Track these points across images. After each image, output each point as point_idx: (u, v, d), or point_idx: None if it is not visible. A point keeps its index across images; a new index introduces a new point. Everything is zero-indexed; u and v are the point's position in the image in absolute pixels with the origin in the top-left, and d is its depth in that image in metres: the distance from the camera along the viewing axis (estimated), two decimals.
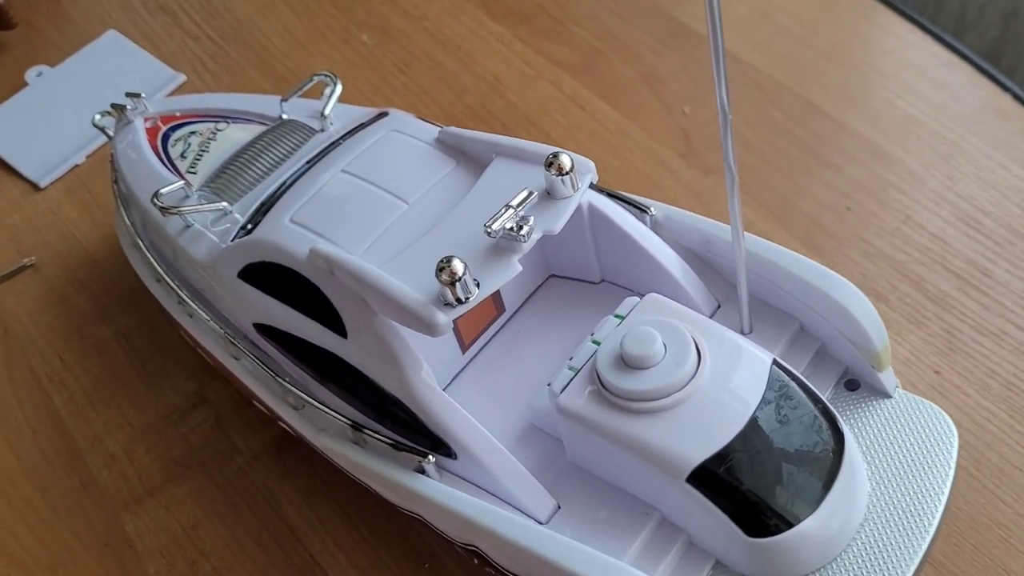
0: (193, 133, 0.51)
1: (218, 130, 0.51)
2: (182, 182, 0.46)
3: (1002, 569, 0.43)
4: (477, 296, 0.34)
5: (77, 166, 0.66)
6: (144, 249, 0.48)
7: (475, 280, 0.35)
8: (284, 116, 0.50)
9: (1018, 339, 0.50)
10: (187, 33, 0.73)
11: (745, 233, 0.38)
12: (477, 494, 0.37)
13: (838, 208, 0.57)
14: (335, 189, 0.41)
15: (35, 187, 0.66)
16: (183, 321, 0.47)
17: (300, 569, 0.47)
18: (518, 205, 0.36)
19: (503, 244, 0.36)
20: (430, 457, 0.37)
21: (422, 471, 0.38)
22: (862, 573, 0.34)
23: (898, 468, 0.37)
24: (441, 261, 0.34)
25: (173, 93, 0.69)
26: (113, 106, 0.53)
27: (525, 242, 0.35)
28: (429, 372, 0.37)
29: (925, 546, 0.35)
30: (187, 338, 0.50)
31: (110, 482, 0.52)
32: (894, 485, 0.36)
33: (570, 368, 0.37)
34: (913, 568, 0.34)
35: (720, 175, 0.59)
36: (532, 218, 0.36)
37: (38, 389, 0.56)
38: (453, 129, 0.43)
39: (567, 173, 0.36)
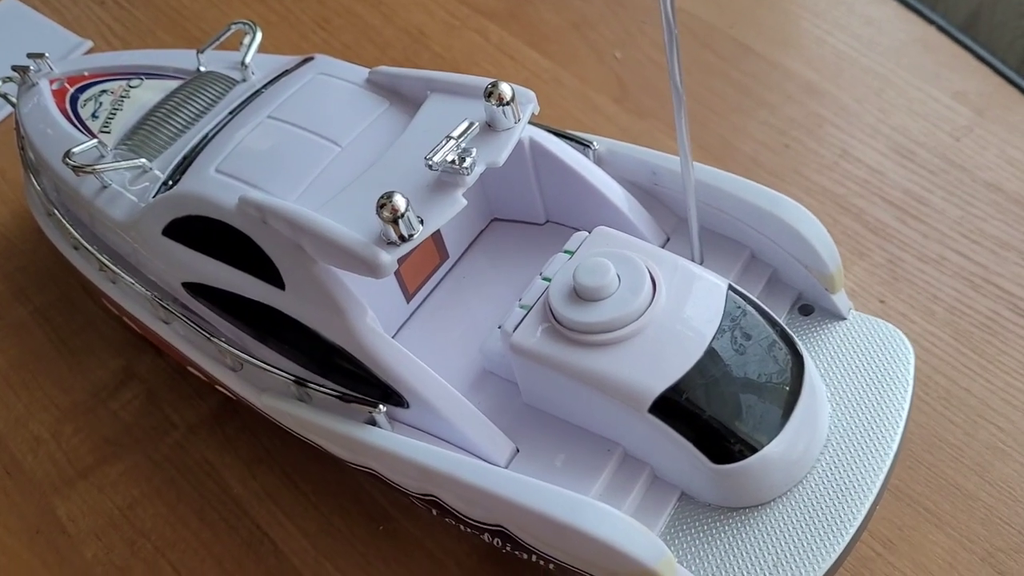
0: (104, 92, 0.48)
1: (131, 87, 0.48)
2: (95, 140, 0.43)
3: (954, 487, 0.43)
4: (421, 233, 0.33)
5: None
6: (59, 216, 0.45)
7: (419, 217, 0.33)
8: (201, 68, 0.47)
9: (958, 264, 0.50)
10: None
11: (694, 163, 0.37)
12: (432, 443, 0.35)
13: (776, 146, 0.56)
14: (262, 136, 0.39)
15: None
16: (106, 288, 0.44)
17: (247, 541, 0.45)
18: (459, 136, 0.34)
19: (445, 179, 0.34)
20: (381, 407, 0.35)
21: (373, 423, 0.36)
22: (827, 495, 0.34)
23: (857, 388, 0.36)
24: (382, 198, 0.32)
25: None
26: (15, 68, 0.50)
27: (468, 175, 0.34)
28: (374, 318, 0.35)
29: (888, 464, 0.34)
30: (112, 307, 0.47)
31: (37, 466, 0.49)
32: (854, 406, 0.36)
33: (521, 307, 0.36)
34: (876, 487, 0.34)
35: (656, 120, 0.59)
36: (475, 150, 0.34)
37: None
38: (384, 68, 0.41)
39: (508, 103, 0.35)
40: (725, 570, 0.33)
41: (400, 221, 0.32)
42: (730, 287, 0.35)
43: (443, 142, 0.34)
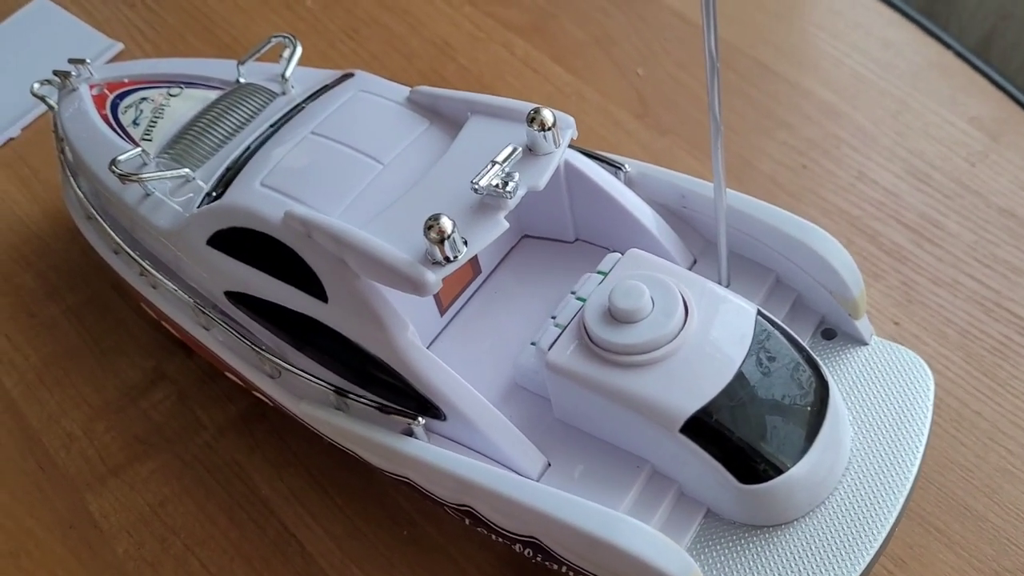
0: (144, 99, 0.49)
1: (171, 96, 0.49)
2: (139, 149, 0.45)
3: (964, 508, 0.44)
4: (466, 254, 0.34)
5: (13, 139, 0.63)
6: (100, 220, 0.46)
7: (463, 238, 0.34)
8: (241, 80, 0.48)
9: (971, 288, 0.52)
10: (123, 0, 0.70)
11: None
12: (467, 454, 0.37)
13: (794, 166, 0.58)
14: (306, 151, 0.40)
15: None
16: (146, 293, 0.46)
17: (275, 542, 0.46)
18: (503, 161, 0.35)
19: (488, 201, 0.35)
20: (420, 419, 0.36)
21: (410, 433, 0.37)
22: (849, 516, 0.35)
23: (878, 413, 0.38)
24: (429, 219, 0.33)
25: (111, 61, 0.67)
26: (56, 73, 0.51)
27: (511, 198, 0.35)
28: (415, 333, 0.36)
29: (908, 487, 0.36)
30: (149, 311, 0.48)
31: (70, 462, 0.50)
32: (875, 430, 0.37)
33: (556, 325, 0.37)
34: (897, 509, 0.35)
35: (676, 136, 0.60)
36: (517, 174, 0.35)
37: None
38: (425, 88, 0.42)
39: (550, 128, 0.36)
40: None
41: (446, 242, 0.33)
42: (759, 312, 0.36)
43: (488, 166, 0.35)
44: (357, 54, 0.66)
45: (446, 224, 0.33)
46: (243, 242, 0.39)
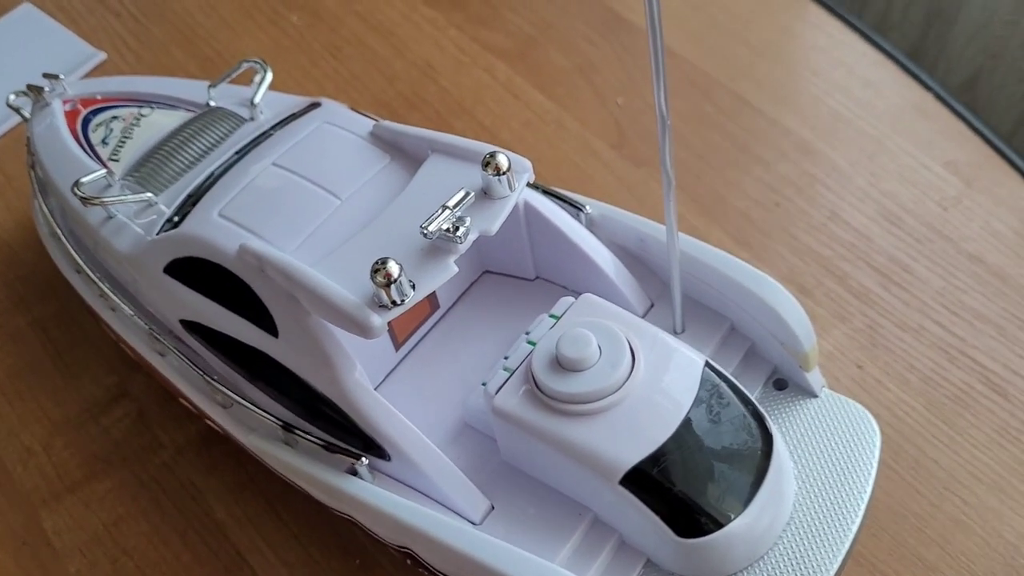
0: (115, 118, 0.49)
1: (142, 115, 0.49)
2: (104, 171, 0.45)
3: (917, 558, 0.44)
4: (412, 298, 0.34)
5: None
6: (63, 239, 0.46)
7: (410, 281, 0.34)
8: (211, 103, 0.48)
9: (936, 335, 0.52)
10: (108, 8, 0.71)
11: (680, 234, 0.39)
12: (410, 495, 0.37)
13: (767, 203, 0.58)
14: (266, 183, 0.40)
15: None
16: (105, 315, 0.46)
17: (227, 567, 0.46)
18: (455, 206, 0.35)
19: (439, 244, 0.35)
20: (363, 459, 0.36)
21: (354, 472, 0.37)
22: (788, 570, 0.35)
23: (823, 466, 0.38)
24: (376, 263, 0.33)
25: (93, 71, 0.67)
26: (29, 87, 0.51)
27: (461, 243, 0.35)
28: (362, 373, 0.36)
29: (848, 543, 0.36)
30: (109, 331, 0.48)
31: (27, 478, 0.50)
32: (819, 483, 0.37)
33: (505, 369, 0.37)
34: (837, 564, 0.35)
35: (652, 168, 0.60)
36: (469, 219, 0.35)
37: None
38: (388, 123, 0.42)
39: (504, 173, 0.36)
40: None
41: (392, 286, 0.33)
42: (707, 364, 0.36)
43: (439, 211, 0.35)
44: (339, 73, 0.66)
45: (393, 268, 0.33)
46: (198, 272, 0.39)
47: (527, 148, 0.61)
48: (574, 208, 0.42)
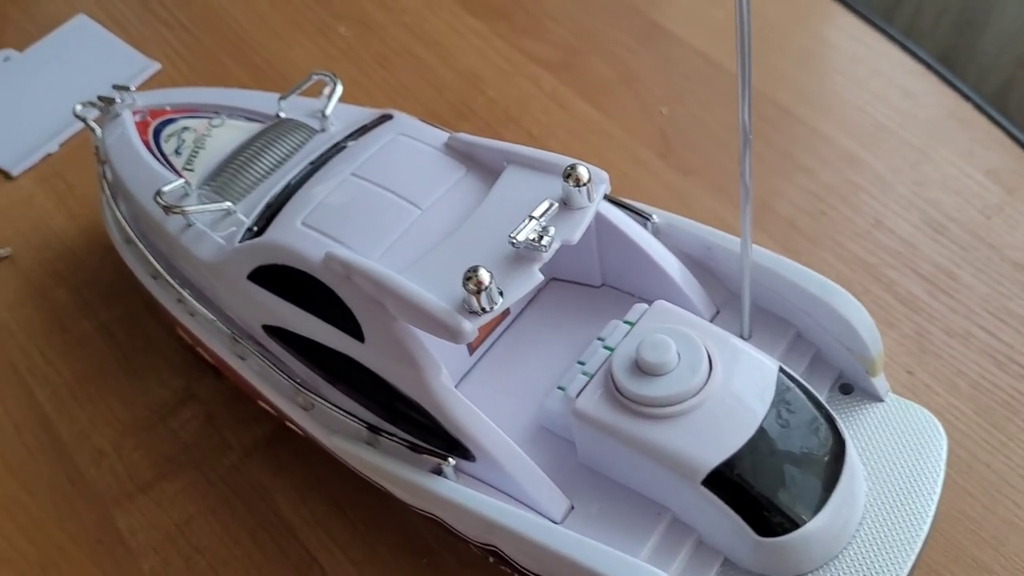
0: (186, 129, 0.51)
1: (212, 126, 0.51)
2: (182, 180, 0.46)
3: (971, 559, 0.46)
4: (501, 305, 0.35)
5: (51, 155, 0.65)
6: (140, 245, 0.48)
7: (499, 289, 0.35)
8: (282, 114, 0.50)
9: (984, 341, 0.53)
10: (159, 20, 0.72)
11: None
12: (492, 495, 0.38)
13: (813, 211, 0.59)
14: (346, 193, 0.42)
15: (7, 176, 0.64)
16: (183, 319, 0.47)
17: (297, 566, 0.48)
18: (540, 216, 0.37)
19: (524, 253, 0.37)
20: (450, 460, 0.38)
21: (439, 472, 0.39)
22: (861, 570, 0.36)
23: (891, 469, 0.39)
24: (468, 271, 0.35)
25: (148, 82, 0.68)
26: (101, 98, 0.53)
27: (546, 252, 0.36)
28: (448, 376, 0.38)
29: (920, 544, 0.37)
30: (185, 336, 0.50)
31: (99, 478, 0.51)
32: (888, 485, 0.39)
33: (584, 373, 0.38)
34: (910, 564, 0.36)
35: (699, 177, 0.61)
36: (552, 228, 0.37)
37: (19, 383, 0.55)
38: (463, 135, 0.43)
39: (584, 184, 0.38)
40: None
41: (483, 293, 0.35)
42: (780, 369, 0.38)
43: (525, 221, 0.36)
44: (388, 83, 0.67)
45: (484, 276, 0.34)
46: (283, 279, 0.41)
47: (575, 157, 0.62)
48: (642, 217, 0.44)
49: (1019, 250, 0.56)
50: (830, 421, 0.37)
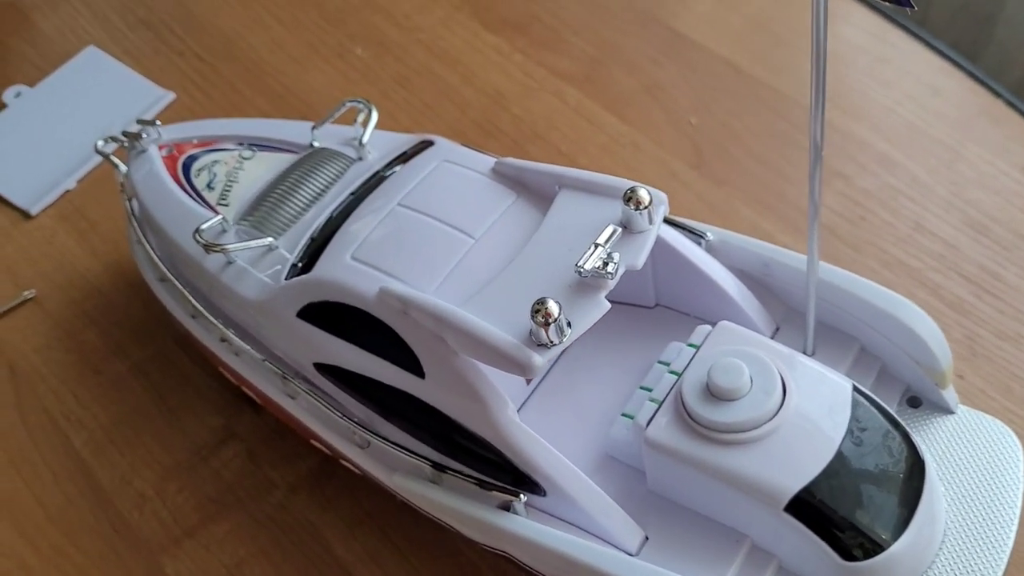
0: (217, 162, 0.50)
1: (244, 158, 0.50)
2: (220, 216, 0.45)
3: None
4: (570, 336, 0.34)
5: (69, 191, 0.64)
6: (179, 285, 0.47)
7: (567, 320, 0.35)
8: (315, 144, 0.49)
9: None
10: (172, 49, 0.71)
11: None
12: (564, 528, 0.37)
13: (852, 217, 0.58)
14: (395, 224, 0.41)
15: (25, 215, 0.63)
16: (227, 359, 0.46)
17: None
18: (605, 242, 0.36)
19: (589, 282, 0.36)
20: (522, 496, 0.37)
21: (507, 507, 0.38)
22: None
23: (969, 484, 0.38)
24: (536, 303, 0.34)
25: (164, 112, 0.67)
26: (126, 134, 0.52)
27: (612, 279, 0.35)
28: (513, 409, 0.37)
29: (1006, 558, 0.36)
30: (229, 375, 0.49)
31: (143, 524, 0.50)
32: (967, 501, 0.38)
33: (652, 400, 0.38)
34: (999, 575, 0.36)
35: (733, 188, 0.61)
36: (617, 255, 0.36)
37: (54, 430, 0.54)
38: (510, 160, 0.43)
39: (646, 207, 0.37)
40: None
41: (552, 325, 0.34)
42: (854, 387, 0.37)
43: (591, 248, 0.36)
44: (410, 103, 0.66)
45: (553, 308, 0.34)
46: (335, 316, 0.40)
47: (607, 172, 0.61)
48: (695, 236, 0.43)
49: None
50: (907, 438, 0.37)
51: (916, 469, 0.36)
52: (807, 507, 0.34)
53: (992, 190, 0.59)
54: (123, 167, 0.53)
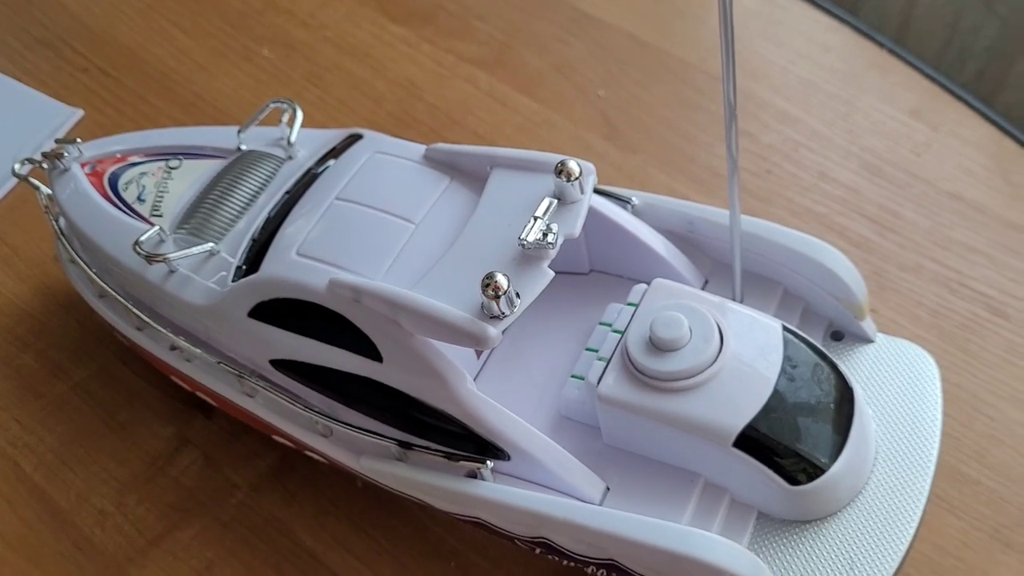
0: (144, 174, 0.50)
1: (171, 168, 0.50)
2: (156, 227, 0.45)
3: (958, 475, 0.49)
4: (520, 306, 0.36)
5: None
6: (121, 299, 0.47)
7: (515, 291, 0.36)
8: (242, 147, 0.49)
9: (934, 271, 0.56)
10: (74, 66, 0.70)
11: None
12: (531, 489, 0.39)
13: (760, 172, 0.62)
14: (335, 218, 0.42)
15: None
16: (179, 366, 0.46)
17: None
18: (543, 214, 0.38)
19: (531, 253, 0.38)
20: (488, 463, 0.39)
21: (474, 476, 0.39)
22: (887, 498, 0.39)
23: (892, 403, 0.42)
24: (486, 277, 0.35)
25: (73, 129, 0.67)
26: (46, 155, 0.51)
27: (553, 248, 0.37)
28: (471, 381, 0.39)
29: (933, 468, 0.40)
30: (182, 382, 0.49)
31: (107, 539, 0.50)
32: (893, 419, 0.41)
33: (599, 359, 0.40)
34: (927, 487, 0.39)
35: (647, 155, 0.63)
36: (555, 225, 0.38)
37: (2, 458, 0.53)
38: (442, 145, 0.44)
39: (577, 178, 0.39)
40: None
41: (502, 297, 0.36)
42: (784, 327, 0.40)
43: (531, 221, 0.37)
44: (325, 101, 0.67)
45: (502, 281, 0.35)
46: (287, 312, 0.41)
47: (524, 150, 0.63)
48: (622, 202, 0.45)
49: (951, 181, 0.60)
50: (835, 369, 0.40)
51: (846, 397, 0.39)
52: (752, 441, 0.37)
53: (884, 135, 0.63)
54: (44, 189, 0.52)
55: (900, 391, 0.42)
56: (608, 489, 0.40)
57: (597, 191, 0.46)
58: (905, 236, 0.58)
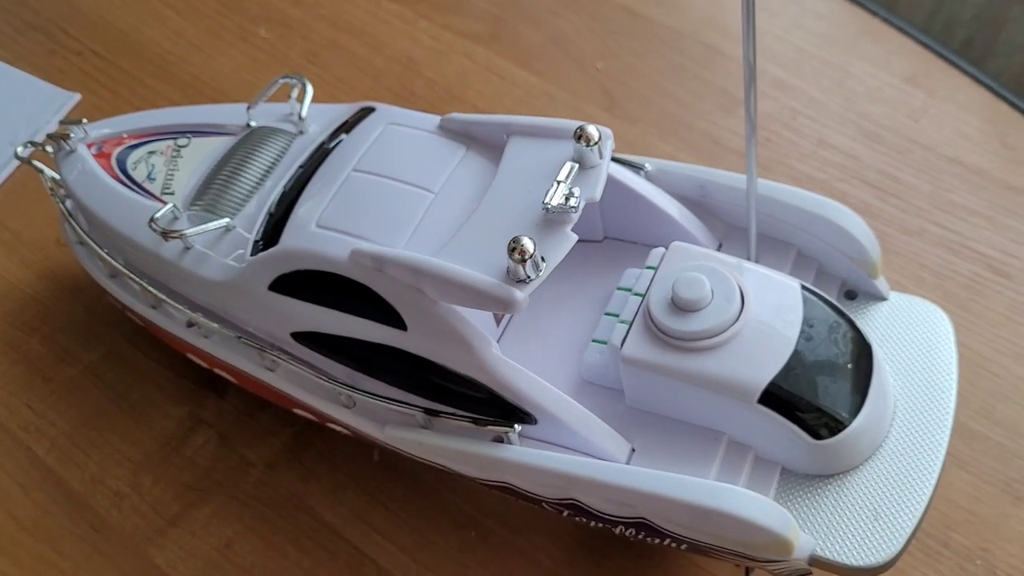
0: (153, 153, 0.50)
1: (180, 146, 0.50)
2: (170, 204, 0.45)
3: (968, 431, 0.50)
4: (546, 269, 0.37)
5: None
6: (135, 277, 0.47)
7: (541, 255, 0.37)
8: (252, 124, 0.49)
9: (936, 234, 0.57)
10: (68, 50, 0.69)
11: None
12: (558, 451, 0.39)
13: (759, 140, 0.62)
14: (354, 189, 0.42)
15: None
16: (197, 343, 0.46)
17: (349, 564, 0.48)
18: (565, 178, 0.38)
19: (553, 217, 0.38)
20: (516, 427, 0.39)
21: (500, 440, 0.40)
22: (907, 451, 0.40)
23: (910, 360, 0.42)
24: (511, 242, 0.36)
25: (71, 113, 0.66)
26: (51, 136, 0.51)
27: (576, 212, 0.38)
28: (497, 347, 0.39)
29: (951, 421, 0.40)
30: (199, 359, 0.49)
31: (124, 520, 0.50)
32: (911, 375, 0.42)
33: (622, 321, 0.40)
34: (946, 440, 0.40)
35: (647, 124, 0.64)
36: (577, 189, 0.38)
37: (14, 443, 0.53)
38: (457, 115, 0.44)
39: (596, 143, 0.39)
40: (831, 528, 0.38)
41: (528, 261, 0.36)
42: (802, 286, 0.40)
43: (554, 185, 0.38)
44: (323, 79, 0.67)
45: (528, 244, 0.36)
46: (309, 284, 0.41)
47: None
48: (635, 168, 0.45)
49: (949, 145, 0.61)
50: (853, 326, 0.40)
51: (864, 353, 0.40)
52: (776, 398, 0.38)
53: (880, 101, 0.63)
54: (48, 171, 0.52)
55: (915, 346, 0.43)
56: (633, 450, 0.40)
57: (614, 159, 0.46)
58: (906, 200, 0.59)
